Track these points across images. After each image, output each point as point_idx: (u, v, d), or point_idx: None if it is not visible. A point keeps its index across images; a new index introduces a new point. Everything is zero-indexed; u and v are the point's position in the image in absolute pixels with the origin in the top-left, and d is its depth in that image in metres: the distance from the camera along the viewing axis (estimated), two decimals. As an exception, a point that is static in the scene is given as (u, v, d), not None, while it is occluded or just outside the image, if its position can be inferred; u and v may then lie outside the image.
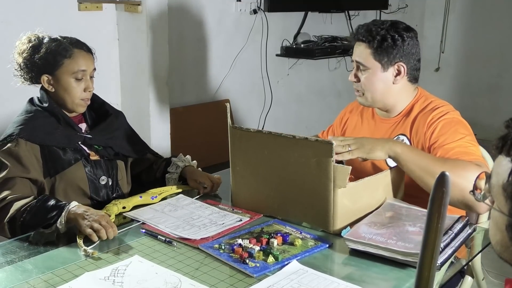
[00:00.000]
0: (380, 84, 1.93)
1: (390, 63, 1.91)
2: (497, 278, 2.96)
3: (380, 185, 1.76)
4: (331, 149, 1.60)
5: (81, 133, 1.94)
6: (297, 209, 1.74)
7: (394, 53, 1.90)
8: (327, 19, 4.74)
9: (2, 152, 1.81)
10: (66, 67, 1.88)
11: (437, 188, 0.79)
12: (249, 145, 1.81)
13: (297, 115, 4.69)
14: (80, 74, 1.90)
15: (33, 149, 1.83)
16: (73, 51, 1.89)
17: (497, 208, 0.94)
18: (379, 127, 2.04)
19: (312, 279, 1.41)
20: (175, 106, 3.63)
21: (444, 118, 1.88)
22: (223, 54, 4.00)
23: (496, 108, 5.41)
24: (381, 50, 1.89)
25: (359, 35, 1.94)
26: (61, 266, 1.48)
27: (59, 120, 1.91)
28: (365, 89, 1.95)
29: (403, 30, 1.92)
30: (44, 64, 1.89)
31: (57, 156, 1.87)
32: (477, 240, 1.69)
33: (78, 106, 1.94)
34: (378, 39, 1.89)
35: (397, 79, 1.93)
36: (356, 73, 1.97)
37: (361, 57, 1.93)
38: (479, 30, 5.52)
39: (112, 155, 2.00)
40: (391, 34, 1.90)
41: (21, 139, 1.82)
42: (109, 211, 1.76)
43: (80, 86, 1.91)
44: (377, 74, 1.92)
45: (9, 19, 2.83)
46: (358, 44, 1.95)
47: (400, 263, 1.47)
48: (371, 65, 1.91)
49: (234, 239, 1.61)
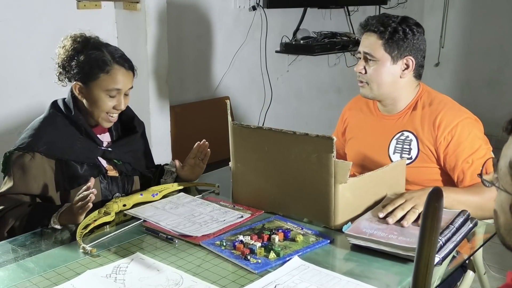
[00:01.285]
0: (388, 76, 1.92)
1: (400, 56, 1.91)
2: (499, 272, 2.96)
3: (381, 180, 1.76)
4: (332, 144, 1.60)
5: (101, 146, 1.90)
6: (298, 205, 1.74)
7: (404, 46, 1.90)
8: (326, 15, 4.73)
9: (15, 162, 1.77)
10: (101, 82, 1.79)
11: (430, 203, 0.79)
12: (249, 142, 1.81)
13: (297, 111, 4.68)
14: (114, 92, 1.81)
15: (49, 163, 1.80)
16: (112, 67, 1.79)
17: (503, 188, 0.95)
18: (381, 123, 2.04)
19: (314, 274, 1.41)
20: (175, 103, 3.63)
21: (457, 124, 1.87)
22: (222, 51, 3.99)
23: (497, 102, 5.40)
24: (392, 42, 1.89)
25: (370, 26, 1.92)
26: (63, 264, 1.49)
27: (81, 131, 1.85)
28: (371, 81, 1.93)
29: (414, 25, 1.93)
30: (79, 72, 1.80)
31: (74, 171, 1.83)
32: (478, 235, 1.69)
33: (103, 121, 1.86)
34: (390, 31, 1.88)
35: (404, 73, 1.93)
36: (363, 63, 1.95)
37: (370, 48, 1.91)
38: (479, 25, 5.51)
39: (129, 170, 1.98)
40: (403, 27, 1.89)
41: (39, 153, 1.77)
42: (109, 208, 1.76)
43: (111, 102, 1.82)
44: (386, 66, 1.91)
45: (7, 17, 2.83)
46: (368, 35, 1.93)
47: (401, 258, 1.47)
48: (381, 56, 1.90)
49: (235, 236, 1.61)
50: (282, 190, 1.76)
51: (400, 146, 1.96)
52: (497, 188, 0.98)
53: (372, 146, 2.03)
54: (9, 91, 2.89)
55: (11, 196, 1.76)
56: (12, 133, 2.81)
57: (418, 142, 1.92)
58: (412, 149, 1.93)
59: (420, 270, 0.81)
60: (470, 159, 1.84)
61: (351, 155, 2.13)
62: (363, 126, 2.11)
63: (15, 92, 2.90)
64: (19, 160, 1.77)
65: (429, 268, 0.80)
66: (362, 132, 2.10)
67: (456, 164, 1.86)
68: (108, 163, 1.93)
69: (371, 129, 2.06)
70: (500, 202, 0.97)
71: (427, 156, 1.91)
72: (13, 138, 2.35)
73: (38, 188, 1.78)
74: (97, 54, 1.80)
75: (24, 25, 2.89)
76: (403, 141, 1.96)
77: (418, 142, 1.92)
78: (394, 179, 1.80)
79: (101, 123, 1.88)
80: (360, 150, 2.08)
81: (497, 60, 5.44)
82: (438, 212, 0.78)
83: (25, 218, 1.70)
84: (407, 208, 1.61)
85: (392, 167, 1.77)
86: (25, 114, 2.91)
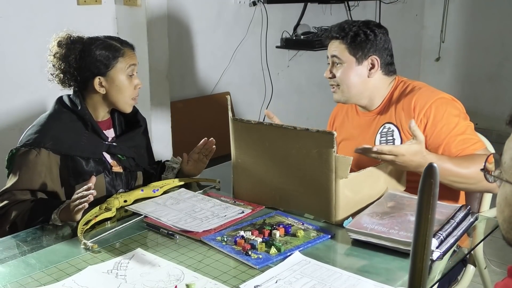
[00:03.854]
0: (355, 77, 1.98)
1: (364, 57, 1.97)
2: (500, 267, 2.96)
3: (381, 175, 1.76)
4: (332, 139, 1.60)
5: (107, 141, 1.92)
6: (299, 200, 1.74)
7: (367, 47, 1.97)
8: (326, 10, 4.72)
9: (20, 158, 1.78)
10: (120, 65, 1.86)
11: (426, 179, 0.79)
12: (250, 137, 1.81)
13: (298, 106, 4.68)
14: (131, 69, 1.89)
15: (55, 158, 1.81)
16: (123, 49, 1.88)
17: (509, 180, 0.95)
18: (365, 121, 2.08)
19: (315, 269, 1.41)
20: (176, 99, 3.63)
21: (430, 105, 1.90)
22: (222, 46, 3.99)
23: (497, 97, 5.40)
24: (355, 45, 1.97)
25: (333, 33, 2.01)
26: (64, 260, 1.49)
27: (87, 126, 1.87)
28: (341, 83, 1.99)
29: (375, 26, 2.01)
30: (97, 66, 1.84)
31: (80, 167, 1.84)
32: (479, 229, 1.69)
33: (129, 106, 1.93)
34: (351, 35, 1.97)
35: (371, 73, 1.99)
36: (331, 69, 2.02)
37: (336, 51, 1.99)
38: (479, 19, 5.50)
39: (133, 166, 1.99)
40: (363, 30, 1.98)
41: (45, 149, 1.78)
42: (110, 204, 1.76)
43: (132, 84, 1.90)
44: (352, 68, 1.98)
45: (7, 14, 2.83)
46: (332, 42, 2.02)
47: (402, 253, 1.47)
48: (346, 59, 1.97)
49: (236, 231, 1.61)
50: (283, 185, 1.76)
51: (384, 139, 1.99)
52: (501, 182, 0.97)
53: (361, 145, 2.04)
54: (9, 87, 2.89)
55: (16, 192, 1.76)
56: (12, 129, 2.82)
57: (400, 131, 1.96)
58: (395, 139, 1.97)
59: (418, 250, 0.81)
60: (449, 136, 1.86)
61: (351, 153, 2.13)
62: (350, 128, 2.15)
63: (15, 88, 2.90)
64: (25, 156, 1.78)
65: (427, 248, 0.81)
66: (350, 133, 2.14)
67: (438, 145, 1.87)
68: (112, 158, 1.94)
69: (358, 129, 2.10)
70: (504, 195, 0.97)
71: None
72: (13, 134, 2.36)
73: (44, 184, 1.79)
74: (106, 44, 1.87)
75: (24, 21, 2.89)
76: (386, 133, 2.00)
77: (399, 131, 1.96)
78: (394, 173, 1.80)
79: (126, 109, 1.93)
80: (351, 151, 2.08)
81: (498, 54, 5.43)
82: (434, 188, 0.79)
83: (26, 213, 1.71)
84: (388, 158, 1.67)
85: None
86: (26, 110, 2.91)
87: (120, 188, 1.95)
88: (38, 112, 2.35)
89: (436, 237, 1.45)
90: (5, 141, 2.67)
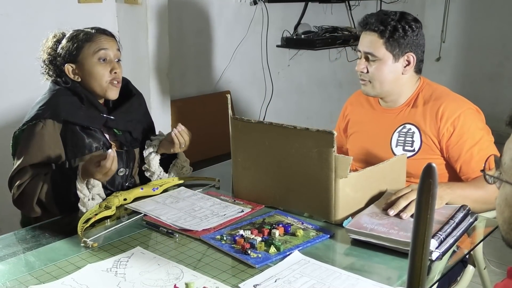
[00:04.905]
0: (390, 74, 1.93)
1: (401, 54, 1.91)
2: (499, 267, 2.96)
3: (381, 175, 1.76)
4: (332, 139, 1.60)
5: (104, 114, 1.91)
6: (299, 199, 1.74)
7: (405, 44, 1.90)
8: (327, 9, 4.72)
9: (26, 133, 1.79)
10: (88, 50, 1.86)
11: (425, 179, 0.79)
12: (250, 136, 1.81)
13: (298, 106, 4.68)
14: (102, 53, 1.86)
15: (59, 128, 1.82)
16: (94, 35, 1.88)
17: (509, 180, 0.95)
18: (383, 117, 2.04)
19: (314, 269, 1.41)
20: (176, 98, 3.63)
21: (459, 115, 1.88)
22: (223, 45, 3.98)
23: (498, 97, 5.39)
24: (393, 40, 1.89)
25: (370, 25, 1.92)
26: (64, 258, 1.49)
27: (82, 100, 1.88)
28: (374, 79, 1.94)
29: (412, 21, 1.93)
30: (66, 53, 1.87)
31: (79, 140, 1.85)
32: (478, 229, 1.69)
33: (108, 91, 1.90)
34: (390, 29, 1.89)
35: (406, 69, 1.94)
36: (364, 63, 1.95)
37: (371, 47, 1.92)
38: (480, 19, 5.49)
39: (129, 141, 1.98)
40: (402, 24, 1.90)
41: (48, 119, 1.80)
42: (110, 203, 1.76)
43: (106, 68, 1.87)
44: (387, 65, 1.92)
45: (8, 11, 2.83)
46: (367, 34, 1.93)
47: (401, 253, 1.47)
48: (382, 55, 1.91)
49: (235, 230, 1.61)
50: (283, 184, 1.76)
51: (403, 139, 1.96)
52: (501, 182, 0.97)
53: (374, 141, 2.04)
54: (10, 85, 2.88)
55: (28, 168, 1.76)
56: (13, 127, 2.80)
57: (421, 134, 1.93)
58: (414, 141, 1.94)
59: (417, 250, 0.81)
60: (472, 150, 1.85)
61: (354, 150, 2.13)
62: (365, 121, 2.11)
63: (16, 86, 2.90)
64: (31, 130, 1.79)
65: (425, 248, 0.81)
66: (364, 127, 2.11)
67: (459, 156, 1.87)
68: (108, 132, 1.94)
69: (373, 124, 2.07)
70: (504, 196, 0.97)
71: (430, 148, 1.92)
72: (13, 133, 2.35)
73: (54, 155, 1.79)
74: (77, 32, 1.90)
75: (25, 19, 2.89)
76: (405, 133, 1.97)
77: (420, 134, 1.93)
78: (394, 173, 1.80)
79: (106, 94, 1.91)
80: (362, 145, 2.09)
81: (498, 54, 5.43)
82: (433, 188, 0.79)
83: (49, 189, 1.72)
84: (411, 197, 1.61)
85: (392, 162, 1.77)
86: (26, 108, 2.89)
87: (121, 167, 1.94)
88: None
89: (435, 238, 1.45)
90: (5, 139, 2.67)
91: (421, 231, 0.80)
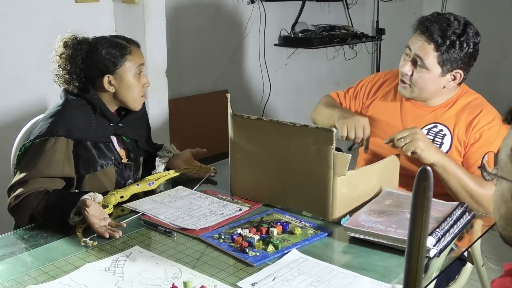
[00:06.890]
0: (433, 85, 1.91)
1: (450, 69, 1.88)
2: (497, 264, 2.97)
3: (378, 173, 1.76)
4: (331, 136, 1.60)
5: (114, 123, 1.92)
6: (297, 197, 1.74)
7: (457, 60, 1.86)
8: (324, 8, 4.72)
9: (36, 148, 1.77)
10: (129, 63, 1.87)
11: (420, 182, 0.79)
12: (249, 133, 1.81)
13: (296, 104, 4.68)
14: (141, 68, 1.91)
15: (72, 145, 1.81)
16: (130, 47, 1.89)
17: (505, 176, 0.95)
18: (411, 110, 2.01)
19: (312, 267, 1.41)
20: (174, 97, 3.62)
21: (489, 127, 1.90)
22: (221, 44, 3.98)
23: (496, 95, 5.35)
24: (448, 56, 1.85)
25: (429, 33, 1.84)
26: (62, 257, 1.49)
27: (95, 110, 1.87)
28: (415, 85, 1.91)
29: (473, 36, 1.87)
30: (105, 65, 1.85)
31: (91, 157, 1.85)
32: (476, 227, 1.70)
33: (138, 104, 1.95)
34: (448, 45, 1.83)
35: (449, 84, 1.92)
36: (410, 66, 1.90)
37: (423, 53, 1.86)
38: (477, 18, 5.44)
39: (135, 149, 2.00)
40: (461, 40, 1.84)
41: (64, 137, 1.78)
42: (107, 201, 1.76)
43: (140, 82, 1.91)
44: (434, 76, 1.88)
45: (6, 11, 2.82)
46: (424, 39, 1.86)
47: (399, 250, 1.47)
48: (432, 66, 1.86)
49: (233, 229, 1.61)
50: (281, 182, 1.76)
51: (432, 138, 1.94)
52: (498, 179, 0.98)
53: None
54: (8, 85, 2.88)
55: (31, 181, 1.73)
56: (11, 127, 2.81)
57: (452, 138, 1.92)
58: (444, 143, 1.93)
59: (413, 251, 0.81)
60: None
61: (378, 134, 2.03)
62: (389, 105, 2.06)
63: (13, 86, 2.89)
64: (41, 145, 1.77)
65: (421, 250, 0.81)
66: (391, 113, 2.05)
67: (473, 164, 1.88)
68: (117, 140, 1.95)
69: (397, 113, 2.03)
70: (501, 192, 0.97)
71: (458, 153, 1.92)
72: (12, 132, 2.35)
73: (62, 171, 1.78)
74: (110, 43, 1.87)
75: (23, 19, 2.88)
76: (435, 133, 1.95)
77: (452, 137, 1.92)
78: (389, 173, 1.80)
79: (136, 107, 1.95)
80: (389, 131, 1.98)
81: (496, 53, 5.43)
82: (428, 191, 0.79)
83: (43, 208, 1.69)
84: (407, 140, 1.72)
85: (387, 162, 1.78)
86: (24, 108, 2.90)
87: (130, 179, 1.96)
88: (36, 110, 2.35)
89: (433, 235, 1.45)
90: (4, 139, 2.67)
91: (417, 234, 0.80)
